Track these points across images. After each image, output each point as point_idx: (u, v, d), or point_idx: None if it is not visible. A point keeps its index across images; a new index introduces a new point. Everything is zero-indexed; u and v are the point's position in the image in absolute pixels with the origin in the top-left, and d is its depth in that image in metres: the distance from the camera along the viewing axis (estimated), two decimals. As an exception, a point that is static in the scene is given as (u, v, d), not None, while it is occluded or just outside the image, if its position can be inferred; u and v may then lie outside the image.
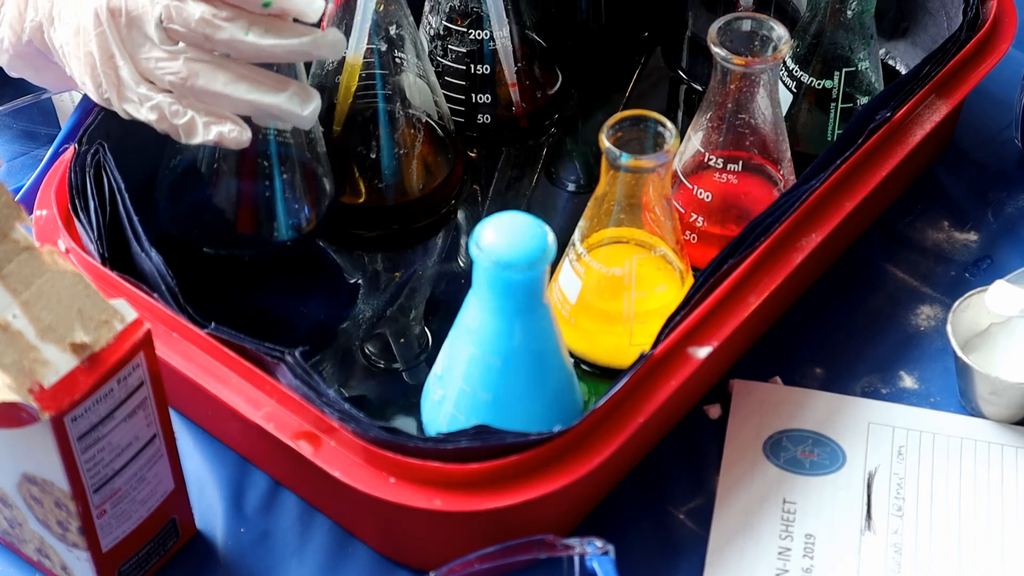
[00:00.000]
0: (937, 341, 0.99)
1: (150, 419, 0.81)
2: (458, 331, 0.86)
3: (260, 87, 0.88)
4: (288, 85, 0.89)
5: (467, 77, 1.07)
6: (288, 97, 0.88)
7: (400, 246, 1.05)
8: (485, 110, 1.08)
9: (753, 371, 0.97)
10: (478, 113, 1.08)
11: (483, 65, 1.07)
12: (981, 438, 0.94)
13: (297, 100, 0.88)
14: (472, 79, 1.07)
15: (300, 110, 0.88)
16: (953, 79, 1.04)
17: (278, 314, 0.99)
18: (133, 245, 0.91)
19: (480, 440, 0.81)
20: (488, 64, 1.07)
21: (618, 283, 0.92)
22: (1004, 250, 1.06)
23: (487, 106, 1.08)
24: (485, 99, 1.08)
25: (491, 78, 1.07)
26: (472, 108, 1.08)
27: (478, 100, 1.08)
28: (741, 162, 0.98)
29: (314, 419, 0.84)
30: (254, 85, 0.88)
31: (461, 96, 1.08)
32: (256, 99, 0.88)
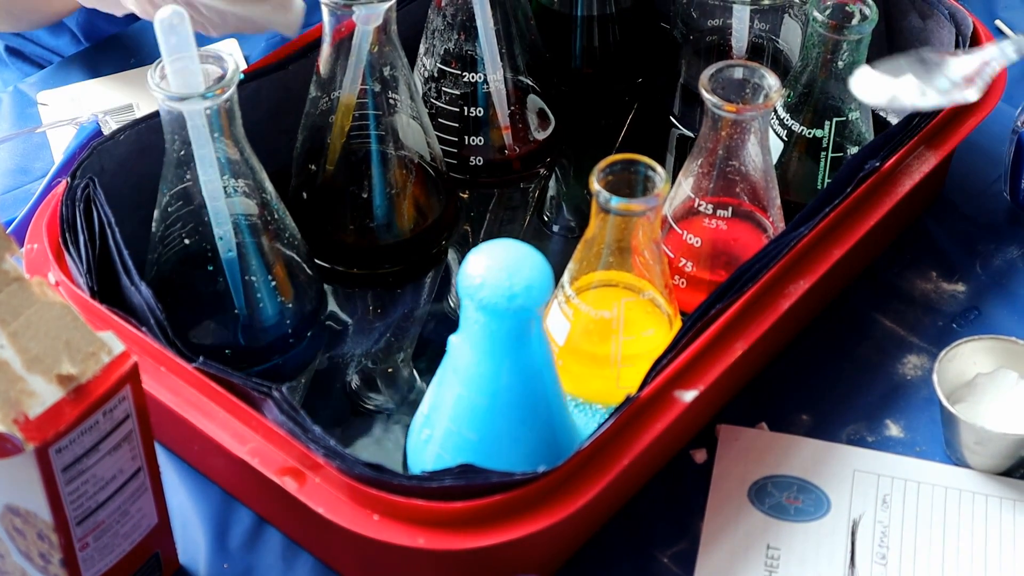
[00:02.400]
0: (923, 390, 1.00)
1: (135, 452, 0.81)
2: (445, 370, 0.86)
3: (246, 2, 0.97)
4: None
5: (460, 119, 1.08)
6: (273, 6, 0.99)
7: (390, 285, 1.05)
8: (478, 152, 1.09)
9: (739, 416, 0.98)
10: (470, 155, 1.09)
11: (476, 108, 1.07)
12: (966, 488, 0.94)
13: (281, 9, 0.99)
14: (465, 121, 1.08)
15: (284, 17, 0.99)
16: (942, 131, 1.05)
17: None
18: (123, 278, 0.91)
19: (465, 479, 0.81)
20: (481, 107, 1.07)
21: (606, 326, 0.93)
22: (991, 302, 1.06)
23: (480, 148, 1.09)
24: (478, 141, 1.08)
25: (484, 121, 1.08)
26: (465, 150, 1.09)
27: (471, 142, 1.08)
28: (731, 208, 0.98)
29: (299, 455, 0.84)
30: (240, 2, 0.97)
31: (454, 138, 1.08)
32: (239, 10, 0.97)
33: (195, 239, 0.95)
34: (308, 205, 1.04)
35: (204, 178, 0.92)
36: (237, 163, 0.94)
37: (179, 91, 0.89)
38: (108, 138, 0.99)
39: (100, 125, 1.11)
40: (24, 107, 1.20)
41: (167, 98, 0.89)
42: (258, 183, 0.95)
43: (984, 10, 1.32)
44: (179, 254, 0.96)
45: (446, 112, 1.08)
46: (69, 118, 1.17)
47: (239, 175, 0.94)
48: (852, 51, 1.02)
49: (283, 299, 0.98)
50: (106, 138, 0.99)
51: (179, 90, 0.89)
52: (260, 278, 0.97)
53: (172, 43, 0.88)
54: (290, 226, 0.99)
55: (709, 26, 1.12)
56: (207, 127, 0.90)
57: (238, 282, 0.96)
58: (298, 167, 1.04)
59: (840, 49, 1.02)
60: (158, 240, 0.96)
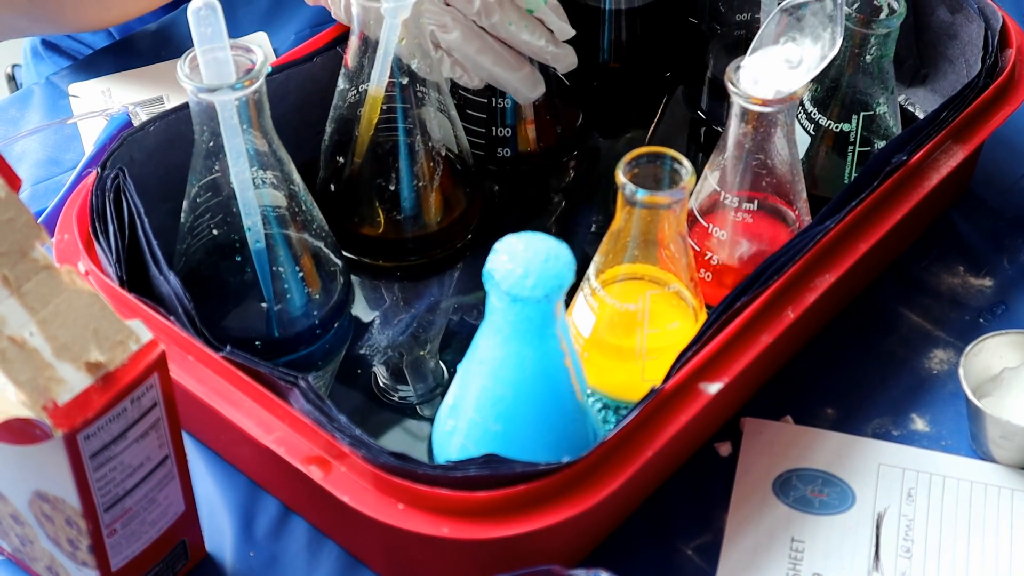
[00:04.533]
0: (949, 385, 1.00)
1: (162, 440, 0.81)
2: (470, 362, 0.87)
3: (502, 63, 1.04)
4: (524, 67, 1.05)
5: (487, 110, 1.08)
6: (522, 76, 1.05)
7: (417, 278, 1.05)
8: (505, 144, 1.09)
9: (764, 410, 0.98)
10: (498, 147, 1.09)
11: (504, 99, 1.08)
12: (991, 482, 0.94)
13: (528, 82, 1.06)
14: (493, 112, 1.08)
15: (530, 91, 1.06)
16: (970, 125, 1.04)
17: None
18: (151, 268, 0.92)
19: (489, 468, 0.82)
20: (509, 98, 1.08)
21: (631, 319, 0.93)
22: (1019, 296, 1.06)
23: (507, 140, 1.09)
24: (505, 132, 1.09)
25: (512, 112, 1.08)
26: (492, 142, 1.09)
27: (498, 133, 1.09)
28: (757, 202, 0.98)
29: (325, 444, 0.84)
30: (497, 59, 1.04)
31: (481, 129, 1.09)
32: (497, 72, 1.04)
33: (224, 230, 0.96)
34: (336, 197, 1.04)
35: (234, 169, 0.93)
36: (265, 155, 0.94)
37: (209, 82, 0.89)
38: (138, 129, 0.99)
39: (130, 117, 1.11)
40: (56, 99, 1.21)
41: (197, 89, 0.89)
42: (286, 175, 0.96)
43: (1015, 5, 1.31)
44: (208, 245, 0.97)
45: (474, 103, 1.08)
46: (100, 110, 1.17)
47: (267, 167, 0.95)
48: (880, 45, 1.02)
49: (310, 290, 0.99)
50: (136, 129, 0.99)
51: (210, 81, 0.89)
52: (288, 269, 0.97)
53: (207, 34, 0.89)
54: (318, 218, 0.99)
55: (737, 20, 1.12)
56: (237, 118, 0.91)
57: (266, 273, 0.97)
58: (326, 159, 1.04)
59: (868, 43, 1.02)
60: (187, 231, 0.96)
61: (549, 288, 0.80)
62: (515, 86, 1.05)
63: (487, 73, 1.05)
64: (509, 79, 1.05)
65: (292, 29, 1.26)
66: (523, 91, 1.06)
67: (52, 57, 1.40)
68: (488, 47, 1.04)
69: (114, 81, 1.22)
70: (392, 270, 1.05)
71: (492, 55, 1.04)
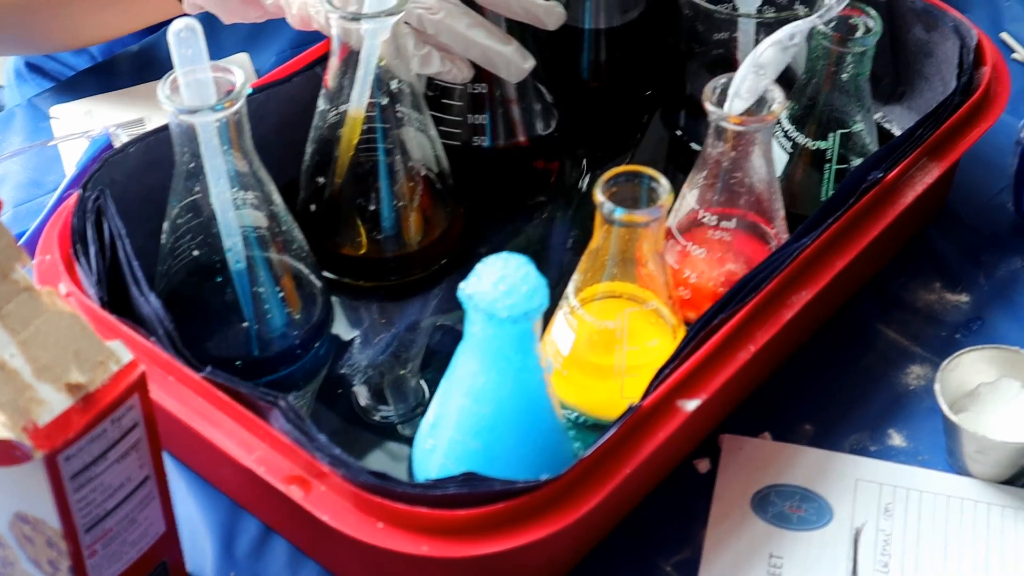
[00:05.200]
0: (926, 400, 1.00)
1: (143, 461, 0.81)
2: (450, 381, 0.87)
3: (492, 36, 1.03)
4: (512, 41, 1.04)
5: (465, 97, 1.09)
6: (514, 49, 1.04)
7: (398, 297, 1.06)
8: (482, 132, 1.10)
9: (742, 426, 0.98)
10: (475, 135, 1.10)
11: (480, 84, 1.08)
12: (968, 497, 0.95)
13: (519, 54, 1.04)
14: (471, 99, 1.09)
15: (522, 62, 1.04)
16: (946, 142, 1.05)
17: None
18: (132, 289, 0.92)
19: (468, 487, 0.82)
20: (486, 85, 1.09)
21: (610, 336, 0.93)
22: (995, 312, 1.07)
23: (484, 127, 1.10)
24: (482, 120, 1.09)
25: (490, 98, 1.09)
26: (470, 129, 1.10)
27: (474, 121, 1.09)
28: (735, 220, 0.99)
29: (305, 464, 0.84)
30: (489, 34, 1.03)
31: (458, 118, 1.09)
32: (490, 45, 1.03)
33: (204, 251, 0.96)
34: (316, 217, 1.05)
35: (214, 190, 0.93)
36: (246, 175, 0.95)
37: (190, 104, 0.90)
38: (119, 151, 1.00)
39: (111, 138, 1.12)
40: (37, 121, 1.22)
41: (177, 111, 0.90)
42: (266, 195, 0.96)
43: (990, 23, 1.32)
44: (188, 266, 0.97)
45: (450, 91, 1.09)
46: (81, 131, 1.18)
47: (248, 187, 0.95)
48: (856, 63, 1.03)
49: (291, 310, 0.99)
50: (117, 151, 1.00)
51: (191, 103, 0.90)
52: (268, 290, 0.98)
53: (187, 55, 0.89)
54: (298, 238, 1.00)
55: (715, 39, 1.13)
56: (217, 139, 0.91)
57: (247, 293, 0.97)
58: (306, 180, 1.05)
59: (844, 61, 1.03)
60: (168, 252, 0.97)
61: (526, 308, 0.80)
62: (508, 59, 1.04)
63: (479, 51, 1.03)
64: (502, 52, 1.04)
65: (274, 50, 1.27)
66: (516, 62, 1.04)
67: (35, 79, 1.41)
68: (478, 21, 1.03)
69: (95, 103, 1.22)
70: (373, 290, 1.06)
71: (483, 29, 1.03)
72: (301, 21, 1.05)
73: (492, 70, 1.05)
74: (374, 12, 0.96)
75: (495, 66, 1.05)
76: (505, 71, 1.05)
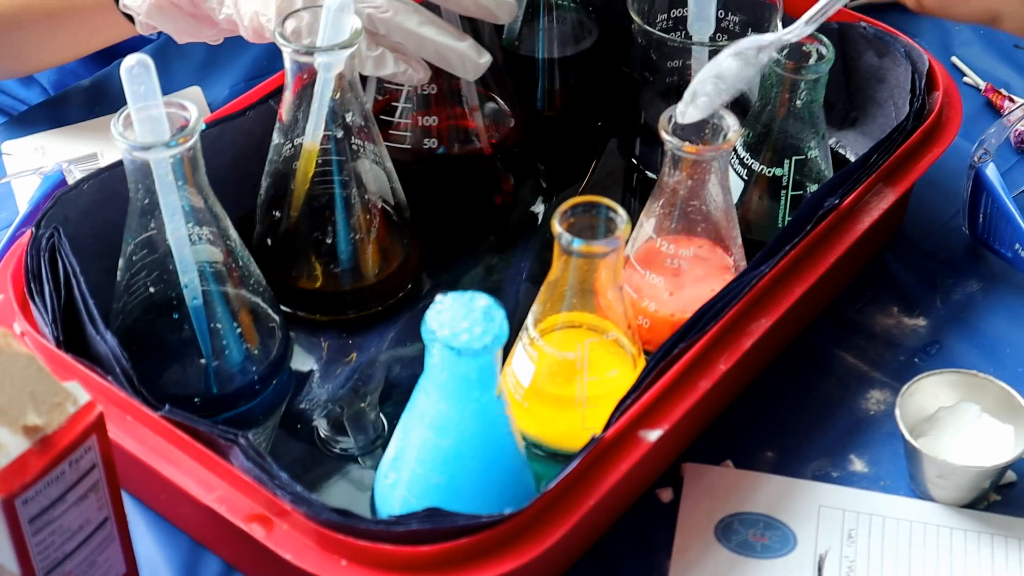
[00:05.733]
0: (886, 425, 1.00)
1: (102, 502, 0.81)
2: (411, 414, 0.87)
3: (445, 33, 1.01)
4: (466, 38, 1.03)
5: (417, 99, 1.09)
6: (468, 45, 1.02)
7: (356, 331, 1.05)
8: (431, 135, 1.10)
9: (705, 455, 0.98)
10: (425, 138, 1.10)
11: (431, 86, 1.08)
12: (930, 521, 0.95)
13: (474, 50, 1.02)
14: (424, 100, 1.09)
15: (477, 57, 1.02)
16: (900, 167, 1.06)
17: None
18: (88, 328, 0.92)
19: (431, 522, 0.82)
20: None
21: (571, 367, 0.93)
22: (952, 336, 1.07)
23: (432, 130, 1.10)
24: (432, 121, 1.09)
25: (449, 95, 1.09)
26: (420, 133, 1.10)
27: (424, 123, 1.09)
28: (692, 248, 0.99)
29: (266, 502, 0.84)
30: (441, 30, 1.01)
31: (406, 120, 1.09)
32: (443, 41, 1.01)
33: (160, 287, 0.95)
34: (273, 251, 1.04)
35: (170, 226, 0.93)
36: (201, 211, 0.94)
37: (143, 140, 0.89)
38: (72, 188, 0.99)
39: (64, 175, 1.11)
40: (-12, 157, 1.21)
41: (131, 147, 0.89)
42: (222, 230, 0.96)
43: (940, 47, 1.33)
44: (144, 303, 0.96)
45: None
46: (33, 168, 1.17)
47: (203, 223, 0.95)
48: (810, 90, 1.03)
49: (249, 346, 0.99)
50: (70, 188, 0.99)
51: (144, 139, 0.89)
52: (226, 325, 0.97)
53: (139, 91, 0.89)
54: (255, 273, 0.99)
55: (668, 67, 1.13)
56: (172, 175, 0.91)
57: (204, 330, 0.97)
58: (262, 213, 1.04)
59: (798, 88, 1.03)
60: (123, 289, 0.96)
61: (485, 341, 0.80)
62: (462, 54, 1.02)
63: (432, 48, 1.01)
64: (456, 48, 1.02)
65: (226, 83, 1.27)
66: (472, 58, 1.02)
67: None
68: (430, 18, 1.02)
69: (48, 138, 1.21)
70: (331, 323, 1.05)
71: (435, 26, 1.01)
72: (255, 33, 1.04)
73: (447, 68, 1.03)
74: (327, 45, 0.96)
75: (450, 63, 1.03)
76: (460, 68, 1.03)
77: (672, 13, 1.13)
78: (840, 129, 1.18)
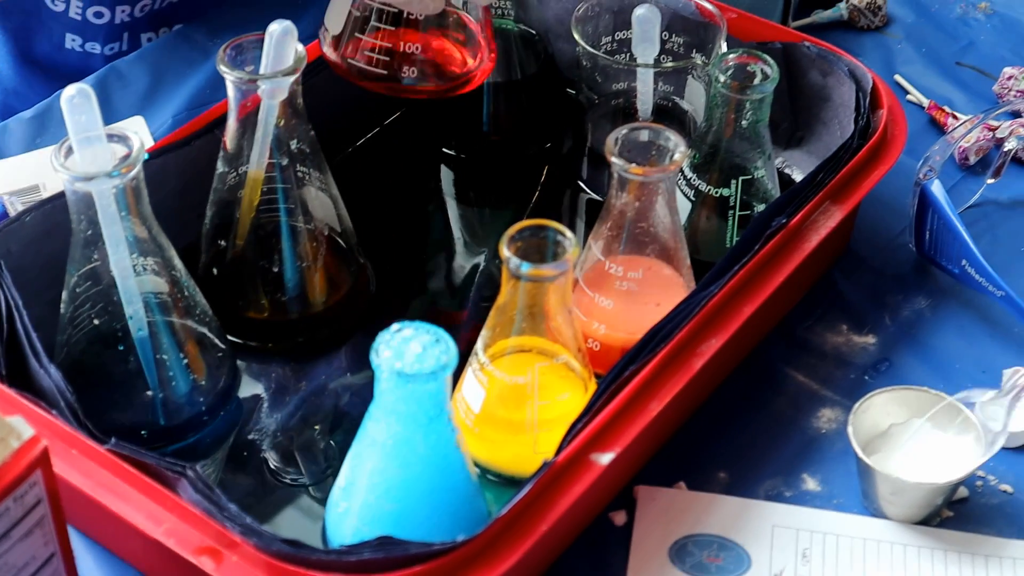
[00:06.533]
0: (839, 443, 1.00)
1: (48, 538, 0.79)
2: (361, 442, 0.86)
3: None
4: None
5: None
6: None
7: (305, 359, 1.04)
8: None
9: (658, 477, 0.98)
10: None
11: None
12: (884, 539, 0.95)
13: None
14: None
15: None
16: (847, 186, 1.06)
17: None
18: (31, 361, 0.90)
19: (383, 551, 0.81)
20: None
21: (521, 392, 0.93)
22: (902, 353, 1.07)
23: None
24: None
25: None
26: None
27: None
28: (641, 269, 0.99)
29: (216, 534, 0.83)
30: None
31: None
32: None
33: (105, 319, 0.94)
34: (219, 281, 1.03)
35: (114, 257, 0.92)
36: (145, 241, 0.93)
37: (85, 171, 0.88)
38: (14, 220, 0.98)
39: (6, 207, 1.10)
40: (-72, 191, 1.19)
41: (73, 179, 0.88)
42: (167, 260, 0.95)
43: (883, 65, 1.34)
44: (89, 335, 0.95)
45: None
46: (-26, 201, 1.16)
47: (147, 253, 0.94)
48: (755, 110, 1.03)
49: (196, 376, 0.98)
50: (11, 220, 0.98)
51: (86, 170, 0.88)
52: (172, 356, 0.96)
53: (81, 121, 0.88)
54: (201, 303, 0.98)
55: (614, 89, 1.13)
56: (115, 206, 0.90)
57: (150, 361, 0.96)
58: (207, 243, 1.03)
59: (743, 108, 1.03)
60: (67, 321, 0.95)
61: (434, 367, 0.80)
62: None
63: None
64: None
65: (169, 112, 1.26)
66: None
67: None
68: None
69: (-12, 171, 1.20)
70: (279, 352, 1.04)
71: None
72: None
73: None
74: (270, 72, 0.95)
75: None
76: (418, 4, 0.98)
77: (616, 35, 1.14)
78: (786, 148, 1.19)
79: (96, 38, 1.34)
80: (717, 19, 1.11)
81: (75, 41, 1.34)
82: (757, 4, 1.28)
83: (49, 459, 0.77)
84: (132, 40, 1.36)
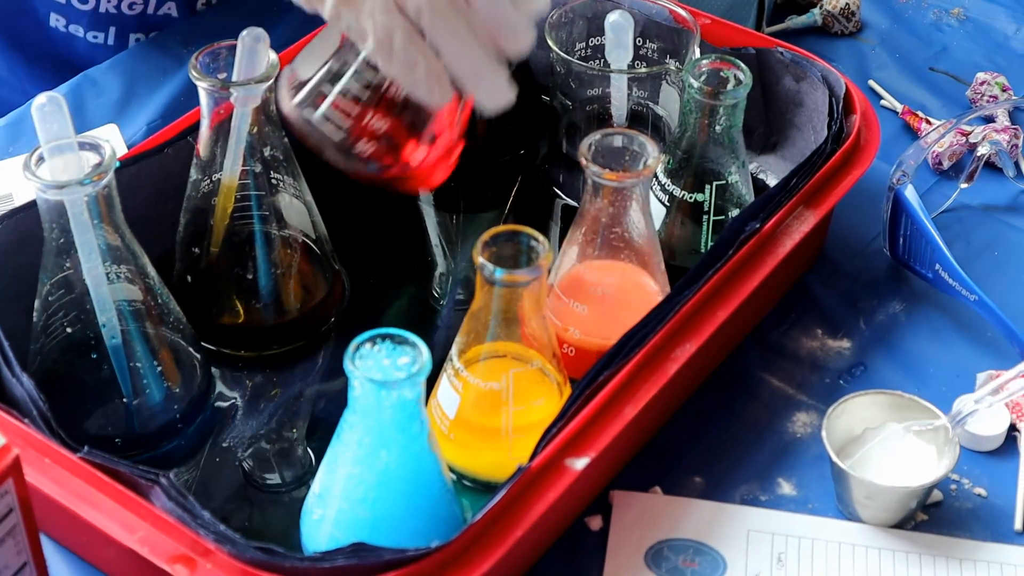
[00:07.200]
0: (813, 447, 1.01)
1: (20, 547, 0.79)
2: (336, 449, 0.86)
3: (488, 52, 0.85)
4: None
5: None
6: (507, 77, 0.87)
7: (280, 366, 1.04)
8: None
9: (633, 481, 0.98)
10: None
11: None
12: (859, 542, 0.95)
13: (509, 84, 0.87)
14: None
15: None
16: (820, 190, 1.06)
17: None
18: (3, 371, 0.90)
19: (357, 557, 0.81)
20: None
21: (496, 397, 0.93)
22: (876, 357, 1.08)
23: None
24: None
25: None
26: None
27: None
28: (616, 275, 0.99)
29: (190, 542, 0.83)
30: (483, 48, 0.85)
31: None
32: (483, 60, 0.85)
33: (78, 327, 0.94)
34: (193, 288, 1.03)
35: (86, 265, 0.91)
36: (118, 249, 0.93)
37: (56, 179, 0.88)
38: (-15, 229, 0.97)
39: (-22, 216, 1.09)
40: (-99, 200, 1.19)
41: (44, 187, 0.88)
42: (140, 268, 0.95)
43: (857, 71, 1.34)
44: (62, 343, 0.95)
45: None
46: (-53, 210, 1.15)
47: (120, 261, 0.93)
48: (729, 115, 1.04)
49: (170, 384, 0.97)
50: (-17, 229, 0.97)
51: (57, 178, 0.88)
52: (146, 364, 0.96)
53: (52, 129, 0.87)
54: (175, 310, 0.98)
55: (588, 95, 1.13)
56: (87, 214, 0.89)
57: (124, 369, 0.95)
58: (181, 250, 1.03)
59: (717, 114, 1.03)
60: (40, 330, 0.95)
61: (408, 374, 0.80)
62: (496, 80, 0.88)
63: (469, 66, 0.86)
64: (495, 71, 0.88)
65: (143, 120, 1.25)
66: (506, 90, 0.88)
67: None
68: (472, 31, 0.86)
69: (-40, 180, 1.20)
70: (254, 360, 1.04)
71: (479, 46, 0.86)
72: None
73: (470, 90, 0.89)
74: (243, 80, 0.95)
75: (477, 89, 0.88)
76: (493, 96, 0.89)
77: (590, 42, 1.14)
78: (760, 154, 1.19)
79: (79, 21, 1.34)
80: (691, 25, 1.11)
81: (59, 21, 1.33)
82: (731, 10, 1.29)
83: (21, 468, 0.77)
84: (120, 38, 1.35)
